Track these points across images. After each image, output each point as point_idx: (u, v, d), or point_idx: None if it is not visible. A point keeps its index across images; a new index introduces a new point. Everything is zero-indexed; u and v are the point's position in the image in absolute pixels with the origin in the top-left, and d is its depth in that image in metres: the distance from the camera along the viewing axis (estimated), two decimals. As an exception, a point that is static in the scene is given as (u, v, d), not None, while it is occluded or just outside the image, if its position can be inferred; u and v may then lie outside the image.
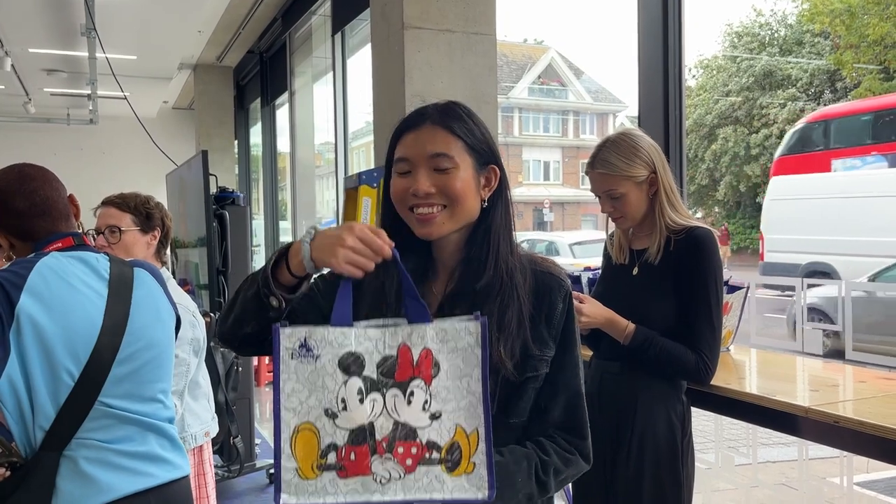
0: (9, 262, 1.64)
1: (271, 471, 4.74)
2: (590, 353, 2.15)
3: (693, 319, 1.92)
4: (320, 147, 7.81)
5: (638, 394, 1.97)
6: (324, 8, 6.10)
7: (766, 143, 22.45)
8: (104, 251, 1.71)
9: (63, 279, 1.52)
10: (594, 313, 1.95)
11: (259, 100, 8.48)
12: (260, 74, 8.21)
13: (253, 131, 9.56)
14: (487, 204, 1.25)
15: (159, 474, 1.60)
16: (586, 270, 2.57)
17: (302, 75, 7.26)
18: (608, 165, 1.98)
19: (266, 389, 6.99)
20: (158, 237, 2.47)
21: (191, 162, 4.86)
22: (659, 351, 1.91)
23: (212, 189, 4.47)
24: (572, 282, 2.47)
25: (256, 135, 9.20)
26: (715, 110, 24.06)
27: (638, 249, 2.06)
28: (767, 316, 5.85)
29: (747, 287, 2.50)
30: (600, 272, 2.29)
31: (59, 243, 1.62)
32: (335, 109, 5.86)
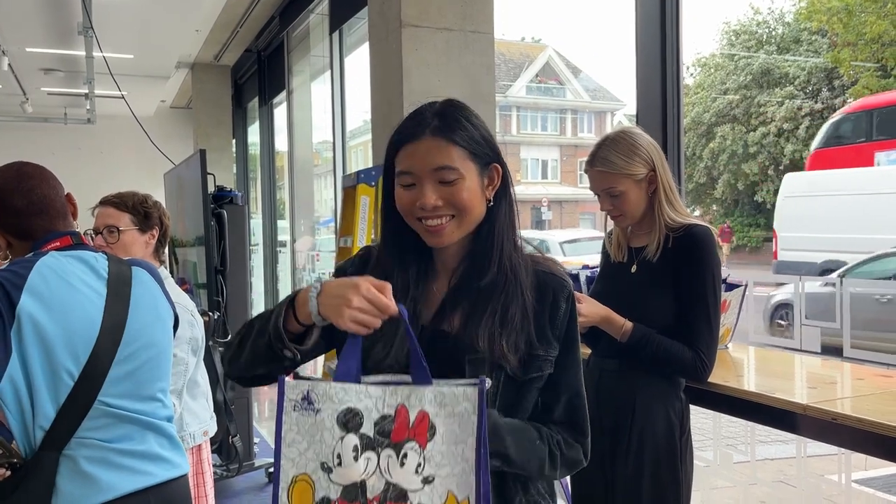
0: (5, 261, 1.64)
1: (270, 470, 4.74)
2: (588, 351, 2.15)
3: (691, 317, 1.92)
4: (318, 146, 7.80)
5: (636, 392, 1.97)
6: (321, 6, 6.10)
7: (764, 142, 22.47)
8: (103, 250, 1.71)
9: (63, 279, 1.52)
10: (591, 311, 1.95)
11: (257, 99, 8.46)
12: (258, 73, 8.21)
13: (251, 130, 9.55)
14: (492, 202, 1.25)
15: (158, 473, 1.60)
16: (585, 268, 2.57)
17: (300, 74, 7.26)
18: (607, 163, 1.98)
19: (265, 388, 6.99)
20: (157, 236, 2.46)
21: (189, 161, 4.86)
22: (656, 348, 1.92)
23: (210, 188, 4.47)
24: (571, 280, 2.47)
25: (254, 134, 9.19)
26: (713, 108, 24.06)
27: (636, 247, 2.06)
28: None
29: (745, 285, 2.50)
30: (599, 270, 2.29)
31: (58, 242, 1.62)
32: (333, 108, 5.85)
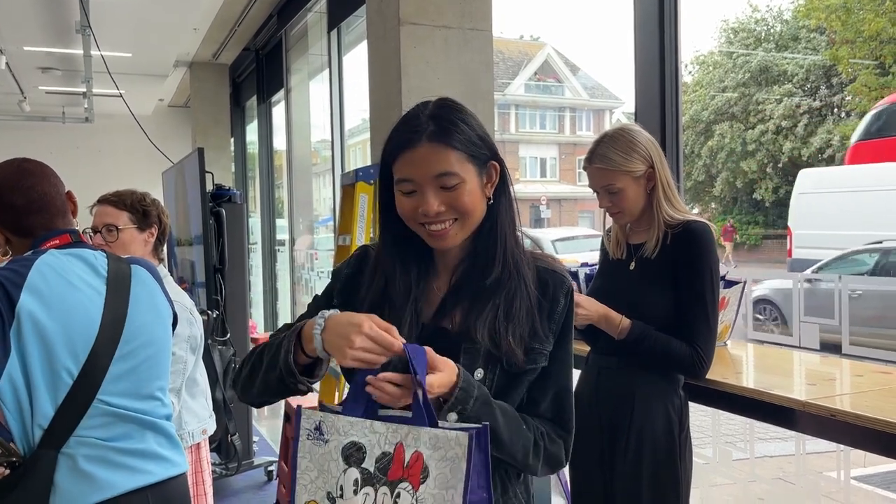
0: (5, 258, 1.64)
1: (269, 468, 4.74)
2: (587, 349, 2.15)
3: (689, 313, 1.93)
4: (317, 144, 7.80)
5: (635, 389, 1.97)
6: (319, 5, 6.09)
7: (763, 139, 22.47)
8: (102, 249, 1.71)
9: (62, 277, 1.52)
10: (589, 308, 1.96)
11: (255, 97, 8.45)
12: (256, 72, 8.19)
13: (249, 129, 9.53)
14: (492, 200, 1.25)
15: (157, 471, 1.60)
16: (584, 266, 2.58)
17: (298, 72, 7.25)
18: (606, 160, 1.98)
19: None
20: (155, 234, 2.46)
21: (187, 160, 4.85)
22: (654, 344, 1.92)
23: (208, 187, 4.47)
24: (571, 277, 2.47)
25: (253, 132, 9.17)
26: (711, 106, 24.06)
27: (635, 244, 2.06)
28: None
29: (744, 282, 2.50)
30: (597, 267, 2.29)
31: (57, 240, 1.61)
32: (331, 107, 5.84)
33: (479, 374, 1.20)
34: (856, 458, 3.36)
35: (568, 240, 15.13)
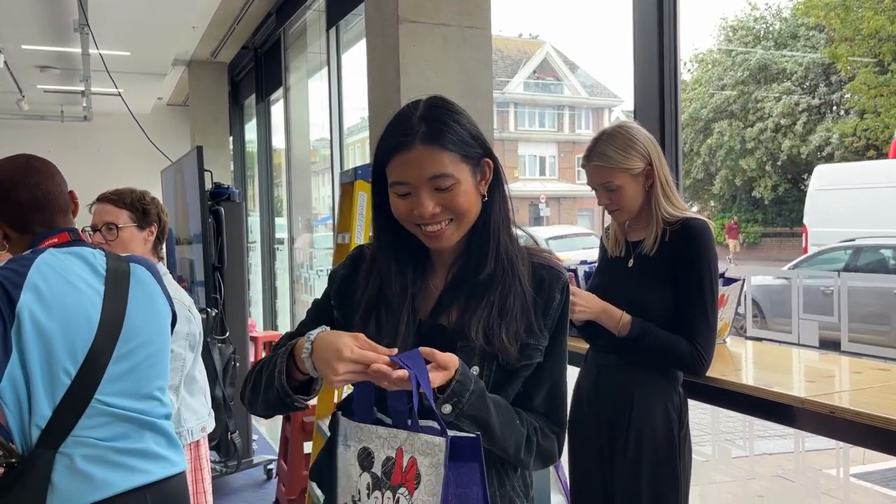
0: (2, 252, 1.64)
1: (269, 466, 4.74)
2: (586, 347, 2.15)
3: (689, 311, 1.93)
4: (315, 143, 7.79)
5: (635, 387, 1.97)
6: (318, 3, 6.08)
7: (762, 137, 22.48)
8: (101, 247, 1.71)
9: (62, 276, 1.52)
10: (589, 303, 1.95)
11: (254, 96, 8.45)
12: (254, 70, 8.19)
13: (248, 127, 9.53)
14: (486, 197, 1.25)
15: (155, 471, 1.60)
16: (583, 263, 2.58)
17: (297, 71, 7.24)
18: (604, 158, 1.98)
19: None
20: (155, 233, 2.46)
21: (186, 158, 4.85)
22: (654, 341, 1.92)
23: (207, 185, 4.47)
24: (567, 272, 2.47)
25: (251, 131, 9.17)
26: (710, 104, 24.07)
27: (634, 241, 2.06)
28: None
29: (743, 280, 2.51)
30: (596, 265, 2.29)
31: (55, 239, 1.61)
32: (330, 105, 5.84)
33: (475, 371, 1.20)
34: (855, 456, 3.36)
35: (561, 238, 15.17)
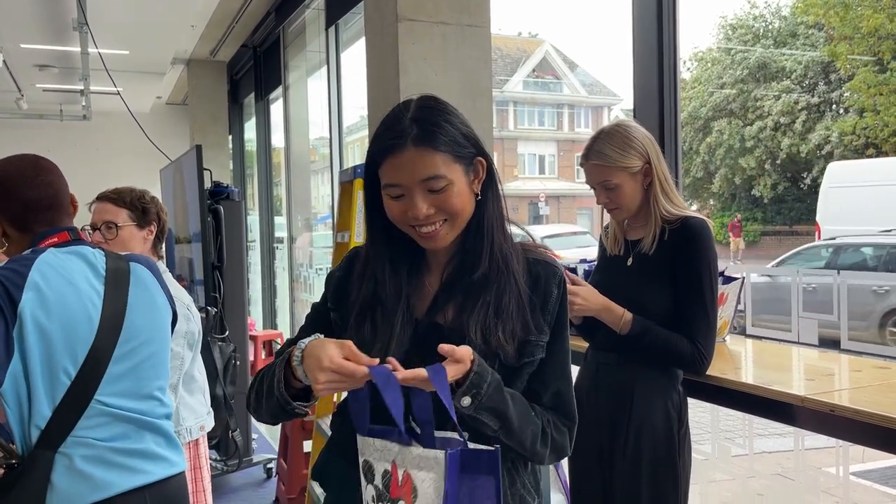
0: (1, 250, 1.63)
1: (269, 465, 4.75)
2: (586, 345, 2.15)
3: (689, 310, 1.92)
4: (315, 142, 7.79)
5: (634, 385, 1.97)
6: (317, 1, 6.08)
7: (761, 136, 22.48)
8: (100, 247, 1.71)
9: (62, 276, 1.51)
10: (590, 299, 1.95)
11: (253, 94, 8.44)
12: (254, 69, 8.18)
13: (247, 126, 9.52)
14: (480, 196, 1.25)
15: (155, 471, 1.60)
16: (582, 262, 2.58)
17: (296, 70, 7.23)
18: (602, 157, 1.98)
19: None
20: (154, 232, 2.46)
21: (185, 157, 4.85)
22: (655, 339, 1.92)
23: (206, 184, 4.47)
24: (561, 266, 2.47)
25: (251, 130, 9.16)
26: (709, 103, 24.06)
27: (633, 240, 2.06)
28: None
29: (742, 278, 2.51)
30: (595, 263, 2.29)
31: (55, 238, 1.61)
32: (329, 104, 5.84)
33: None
34: (855, 454, 3.36)
35: (556, 237, 15.16)
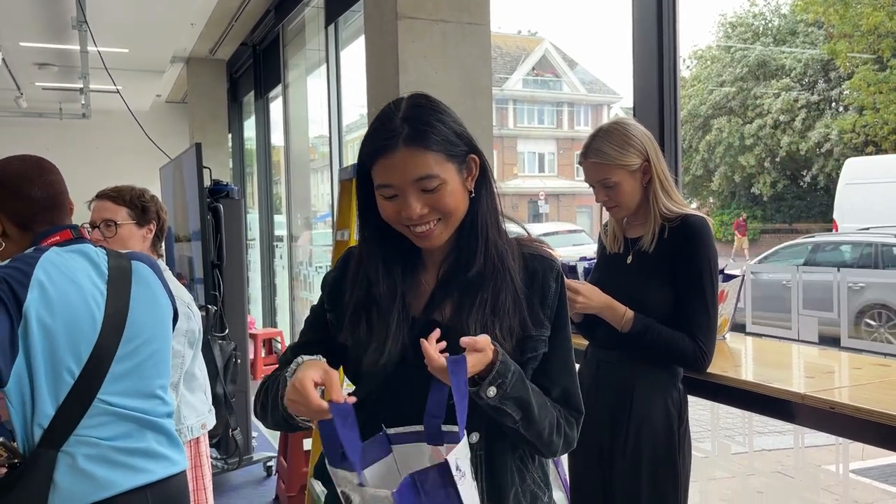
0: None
1: (269, 463, 4.75)
2: (585, 343, 2.15)
3: (689, 307, 1.93)
4: (314, 140, 7.79)
5: (635, 383, 1.97)
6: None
7: (760, 134, 22.47)
8: (101, 245, 1.71)
9: (66, 275, 1.51)
10: (592, 297, 1.95)
11: (252, 93, 8.44)
12: (253, 67, 8.18)
13: (247, 125, 9.52)
14: (473, 193, 1.25)
15: (157, 470, 1.60)
16: (582, 260, 2.58)
17: (295, 68, 7.23)
18: (601, 155, 1.98)
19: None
20: (154, 230, 2.46)
21: (184, 155, 4.84)
22: (657, 337, 1.92)
23: (206, 182, 4.46)
24: (569, 271, 2.48)
25: (250, 128, 9.16)
26: (709, 101, 24.05)
27: (632, 238, 2.06)
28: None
29: (742, 276, 2.51)
30: (595, 261, 2.29)
31: (57, 236, 1.61)
32: (329, 102, 5.83)
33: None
34: (854, 452, 3.37)
35: (551, 235, 15.16)
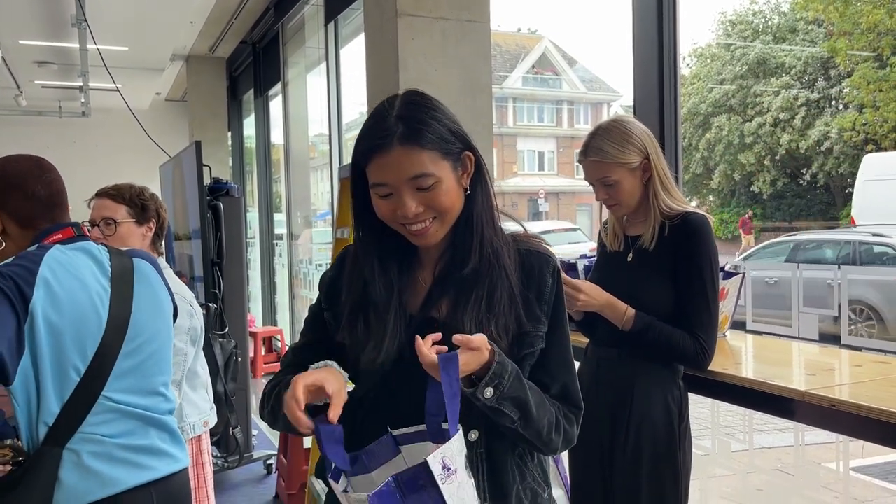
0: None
1: (269, 461, 4.75)
2: (585, 341, 2.15)
3: (689, 305, 1.92)
4: (314, 138, 7.78)
5: (635, 380, 1.97)
6: (316, -3, 6.07)
7: (760, 132, 22.46)
8: (102, 243, 1.71)
9: (71, 273, 1.51)
10: (593, 295, 1.95)
11: (252, 91, 8.44)
12: (253, 65, 8.18)
13: (246, 123, 9.52)
14: (469, 190, 1.24)
15: (160, 467, 1.60)
16: (583, 258, 2.58)
17: (295, 66, 7.22)
18: (601, 153, 1.98)
19: (262, 381, 6.99)
20: (154, 229, 2.46)
21: (184, 153, 4.84)
22: (658, 335, 1.92)
23: (206, 180, 4.46)
24: (569, 269, 2.47)
25: (250, 126, 9.15)
26: (709, 99, 24.04)
27: (633, 236, 2.06)
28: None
29: (743, 273, 2.51)
30: (595, 259, 2.29)
31: (60, 234, 1.61)
32: (329, 100, 5.83)
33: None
34: (854, 450, 3.37)
35: (547, 233, 15.16)
